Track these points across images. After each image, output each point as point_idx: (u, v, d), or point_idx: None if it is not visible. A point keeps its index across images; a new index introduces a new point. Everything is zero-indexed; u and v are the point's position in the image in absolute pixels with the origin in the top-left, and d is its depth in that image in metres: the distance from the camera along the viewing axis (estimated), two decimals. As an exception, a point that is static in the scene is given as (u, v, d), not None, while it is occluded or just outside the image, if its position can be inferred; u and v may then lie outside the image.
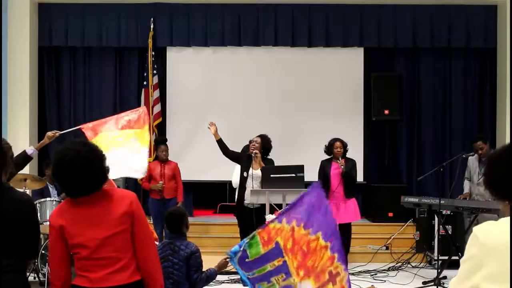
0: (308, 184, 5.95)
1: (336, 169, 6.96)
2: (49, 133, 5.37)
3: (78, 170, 2.54)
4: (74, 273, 2.66)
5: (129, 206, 2.61)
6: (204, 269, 3.79)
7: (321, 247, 2.96)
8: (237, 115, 8.52)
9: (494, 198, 1.83)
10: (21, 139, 8.01)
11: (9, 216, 2.52)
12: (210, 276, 3.77)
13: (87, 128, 5.28)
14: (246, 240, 3.33)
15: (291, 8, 8.49)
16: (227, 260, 3.52)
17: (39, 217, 5.81)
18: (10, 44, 8.07)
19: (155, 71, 8.35)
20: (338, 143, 6.97)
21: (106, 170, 2.66)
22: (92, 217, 2.59)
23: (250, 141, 6.53)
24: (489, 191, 1.82)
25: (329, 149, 7.04)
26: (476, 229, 1.74)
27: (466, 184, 6.98)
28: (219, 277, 4.34)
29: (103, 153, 2.68)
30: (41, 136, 8.55)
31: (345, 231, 7.10)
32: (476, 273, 1.67)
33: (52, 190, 6.70)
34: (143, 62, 8.58)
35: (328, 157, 7.09)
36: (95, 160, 2.60)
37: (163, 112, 8.53)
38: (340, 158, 6.93)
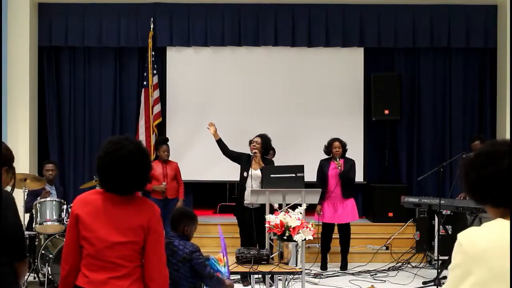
0: (308, 185, 5.98)
1: (334, 169, 6.96)
2: None
3: (127, 168, 2.53)
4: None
5: (147, 221, 2.58)
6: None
7: None
8: (237, 115, 8.52)
9: (476, 203, 1.83)
10: (21, 139, 8.02)
11: None
12: (219, 282, 3.74)
13: None
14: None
15: (291, 8, 8.49)
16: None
17: (39, 217, 5.90)
18: (10, 44, 8.07)
19: (155, 71, 8.34)
20: (337, 143, 6.97)
21: (149, 178, 2.67)
22: (110, 217, 2.56)
23: (250, 141, 6.53)
24: (469, 197, 1.83)
25: (328, 148, 7.04)
26: (460, 236, 1.74)
27: None
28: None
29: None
30: (41, 136, 8.58)
31: (343, 231, 7.11)
32: (464, 281, 1.68)
33: (50, 190, 6.69)
34: (143, 62, 8.57)
35: (327, 156, 7.10)
36: (145, 163, 2.61)
37: (163, 112, 8.52)
38: (338, 158, 6.93)
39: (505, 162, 1.70)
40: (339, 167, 6.87)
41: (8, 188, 2.72)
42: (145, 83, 8.30)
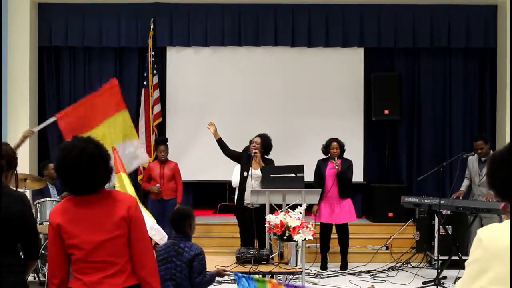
0: (308, 185, 5.99)
1: (331, 169, 6.96)
2: (25, 133, 5.49)
3: (82, 167, 2.52)
4: (71, 273, 2.65)
5: (127, 211, 2.58)
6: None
7: None
8: (237, 115, 8.52)
9: (497, 199, 1.83)
10: (21, 139, 8.01)
11: (3, 212, 2.50)
12: (212, 278, 3.76)
13: (64, 120, 5.20)
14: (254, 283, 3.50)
15: (291, 8, 8.49)
16: (225, 272, 3.64)
17: (38, 217, 5.90)
18: (10, 44, 8.07)
19: (155, 71, 8.35)
20: (334, 143, 6.97)
21: (110, 170, 2.65)
22: (90, 218, 2.57)
23: (251, 141, 6.53)
24: (493, 192, 1.82)
25: (326, 149, 7.04)
26: (480, 231, 1.73)
27: (464, 183, 6.99)
28: (219, 278, 4.33)
29: (108, 152, 2.68)
30: (41, 136, 8.57)
31: (341, 231, 7.11)
32: (482, 276, 1.67)
33: (52, 190, 6.70)
34: (143, 62, 8.58)
35: (325, 157, 7.10)
36: (100, 158, 2.59)
37: (163, 112, 8.53)
38: (336, 158, 6.93)
39: None
40: (337, 167, 6.86)
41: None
42: (145, 83, 8.30)
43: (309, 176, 6.40)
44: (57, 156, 2.60)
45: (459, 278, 1.83)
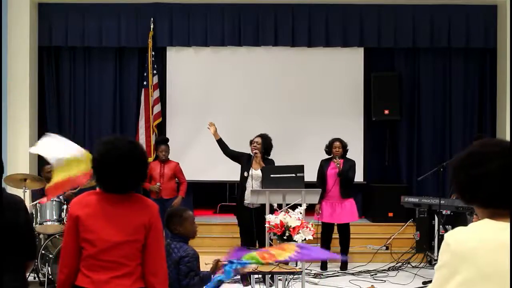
0: (308, 185, 5.98)
1: (333, 168, 6.97)
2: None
3: (124, 166, 2.54)
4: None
5: (149, 218, 2.60)
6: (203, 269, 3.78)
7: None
8: (237, 115, 8.52)
9: (464, 203, 1.84)
10: (21, 139, 8.02)
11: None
12: (204, 278, 3.72)
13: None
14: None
15: (291, 8, 8.49)
16: (219, 262, 3.59)
17: (39, 217, 5.91)
18: (10, 44, 8.06)
19: (155, 71, 8.35)
20: (337, 143, 6.99)
21: (146, 175, 2.68)
22: (111, 217, 2.57)
23: (251, 142, 6.53)
24: (457, 197, 1.83)
25: (329, 148, 7.06)
26: (447, 235, 1.74)
27: None
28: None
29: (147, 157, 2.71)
30: (41, 136, 8.55)
31: (342, 231, 7.11)
32: (451, 280, 1.67)
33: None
34: (143, 62, 8.57)
35: (328, 156, 7.11)
36: (141, 160, 2.62)
37: (163, 112, 8.53)
38: (337, 158, 6.94)
39: (495, 164, 1.70)
40: (338, 165, 6.87)
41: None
42: (145, 83, 8.30)
43: (309, 176, 6.40)
44: (99, 150, 2.59)
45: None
